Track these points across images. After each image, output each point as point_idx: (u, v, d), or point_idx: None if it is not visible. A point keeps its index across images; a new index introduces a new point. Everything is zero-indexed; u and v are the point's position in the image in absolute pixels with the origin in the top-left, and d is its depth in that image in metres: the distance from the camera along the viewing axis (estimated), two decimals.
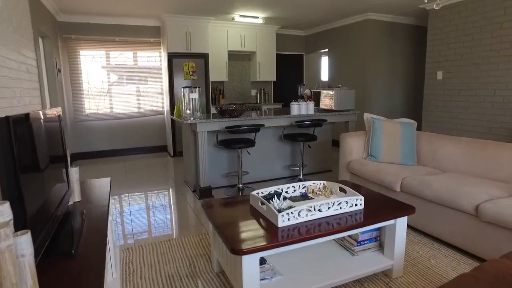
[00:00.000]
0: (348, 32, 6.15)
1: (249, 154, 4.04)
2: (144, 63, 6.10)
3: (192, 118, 3.45)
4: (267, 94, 7.02)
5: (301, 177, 4.21)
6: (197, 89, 3.43)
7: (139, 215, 3.24)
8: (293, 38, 7.33)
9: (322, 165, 4.72)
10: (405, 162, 3.21)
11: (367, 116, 3.56)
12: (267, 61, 6.71)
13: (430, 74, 5.04)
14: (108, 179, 2.36)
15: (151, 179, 4.52)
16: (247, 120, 3.70)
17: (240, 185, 3.87)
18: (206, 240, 2.64)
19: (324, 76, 7.99)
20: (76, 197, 1.79)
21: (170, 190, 4.04)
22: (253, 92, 7.06)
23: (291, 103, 3.96)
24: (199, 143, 3.54)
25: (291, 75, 7.49)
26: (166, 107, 6.10)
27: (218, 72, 6.28)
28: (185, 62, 5.74)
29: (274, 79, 6.87)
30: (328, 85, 4.60)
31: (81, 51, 5.59)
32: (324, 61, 7.96)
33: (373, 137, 3.33)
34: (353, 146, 3.41)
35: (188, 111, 3.45)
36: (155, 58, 6.17)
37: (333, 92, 4.25)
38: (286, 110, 4.70)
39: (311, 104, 4.04)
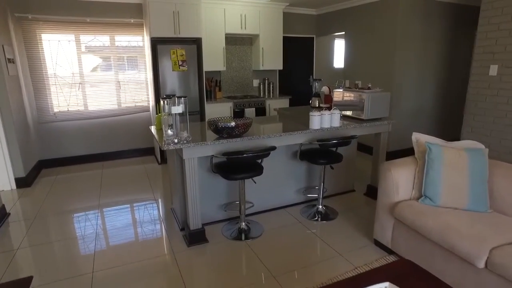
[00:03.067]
0: (371, 12, 5.04)
1: (255, 183, 3.09)
2: (124, 49, 5.02)
3: (176, 140, 2.48)
4: (271, 85, 5.98)
5: (320, 206, 3.29)
6: (182, 100, 2.42)
7: (100, 276, 2.33)
8: (303, 18, 6.19)
9: (344, 184, 3.79)
10: (474, 207, 2.29)
11: (417, 137, 2.59)
12: (273, 46, 5.62)
13: (479, 68, 4.02)
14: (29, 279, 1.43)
15: (129, 200, 3.59)
16: (252, 140, 2.72)
17: (243, 224, 2.95)
18: None
19: (338, 63, 6.91)
20: None
21: (152, 224, 3.11)
22: (255, 82, 6.02)
23: (311, 114, 2.96)
24: (187, 174, 2.58)
25: (299, 61, 6.41)
26: (152, 102, 5.08)
27: (214, 60, 5.21)
28: (173, 49, 4.67)
29: (280, 67, 5.80)
30: (355, 85, 3.59)
31: (42, 35, 4.49)
32: (338, 46, 6.86)
33: (428, 170, 2.38)
34: (399, 181, 2.46)
35: (170, 132, 2.46)
36: (138, 44, 5.08)
37: (364, 95, 3.25)
38: (301, 115, 3.70)
39: (337, 114, 3.05)
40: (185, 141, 2.50)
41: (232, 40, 5.63)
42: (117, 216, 3.30)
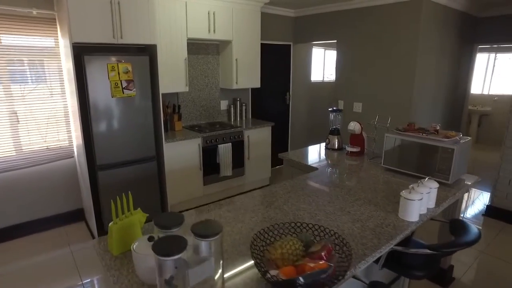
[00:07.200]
0: (378, 17, 4.01)
1: None
2: (21, 60, 3.08)
3: None
4: (244, 107, 4.58)
5: None
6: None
7: None
8: (279, 21, 4.91)
9: None
10: None
11: None
12: (249, 57, 4.22)
13: None
14: None
15: None
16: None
17: None
18: None
19: (315, 76, 5.83)
20: None
21: None
22: (224, 104, 4.54)
23: (405, 197, 1.69)
24: None
25: (273, 75, 5.12)
26: (78, 141, 3.25)
27: (173, 77, 3.60)
28: (112, 64, 2.94)
29: (258, 85, 4.44)
30: (411, 125, 2.45)
31: None
32: (317, 56, 5.78)
33: None
34: None
35: None
36: (48, 51, 3.19)
37: (451, 147, 2.11)
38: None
39: (434, 189, 1.84)
40: None
41: (193, 48, 4.06)
42: None
